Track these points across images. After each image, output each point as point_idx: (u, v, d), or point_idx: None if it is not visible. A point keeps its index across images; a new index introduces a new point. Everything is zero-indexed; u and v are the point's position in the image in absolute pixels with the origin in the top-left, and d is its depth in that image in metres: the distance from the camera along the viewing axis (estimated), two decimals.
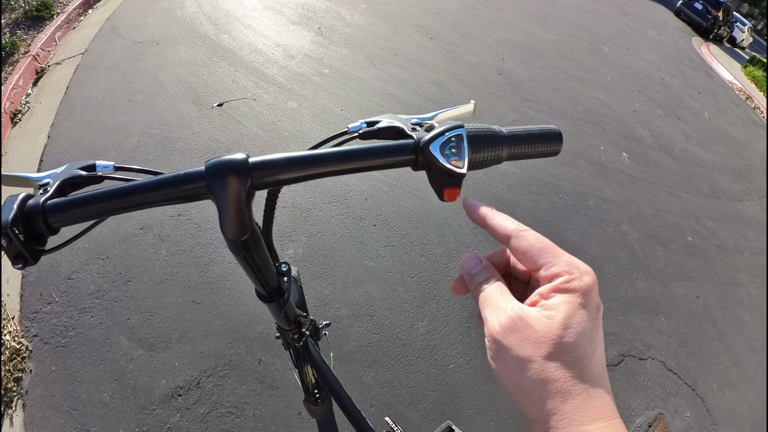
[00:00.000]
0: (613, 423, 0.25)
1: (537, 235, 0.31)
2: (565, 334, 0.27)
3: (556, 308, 0.28)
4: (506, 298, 0.30)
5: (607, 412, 0.26)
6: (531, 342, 0.27)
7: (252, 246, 0.41)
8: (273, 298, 0.57)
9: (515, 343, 0.27)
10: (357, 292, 2.04)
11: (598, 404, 0.26)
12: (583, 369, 0.26)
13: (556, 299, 0.28)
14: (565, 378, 0.26)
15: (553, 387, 0.26)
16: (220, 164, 0.35)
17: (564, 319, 0.27)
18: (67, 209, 0.36)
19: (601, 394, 0.26)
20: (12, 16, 3.45)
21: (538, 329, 0.27)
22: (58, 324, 1.69)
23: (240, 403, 1.61)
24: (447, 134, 0.37)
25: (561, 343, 0.27)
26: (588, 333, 0.27)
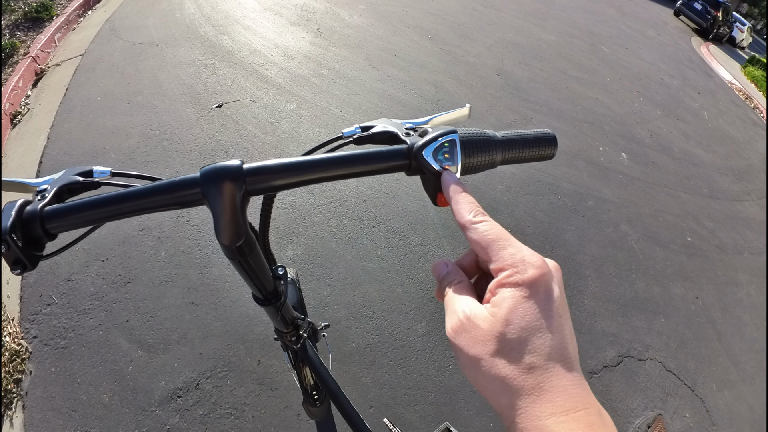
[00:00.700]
0: (576, 416, 0.24)
1: (490, 226, 0.31)
2: (507, 330, 0.26)
3: (500, 304, 0.27)
4: (461, 301, 0.30)
5: (569, 405, 0.24)
6: (478, 341, 0.27)
7: (247, 251, 0.41)
8: (269, 302, 0.57)
9: (465, 344, 0.28)
10: (356, 293, 2.05)
11: (556, 398, 0.25)
12: (533, 363, 0.25)
13: (499, 295, 0.28)
14: (514, 374, 0.26)
15: (504, 384, 0.26)
16: (214, 170, 0.35)
17: (506, 314, 0.27)
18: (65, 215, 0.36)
19: (562, 386, 0.25)
20: (12, 18, 3.46)
21: (483, 327, 0.27)
22: (58, 325, 1.70)
23: (239, 404, 1.61)
24: (440, 139, 0.38)
25: (504, 340, 0.26)
26: (535, 326, 0.26)
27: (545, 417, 0.24)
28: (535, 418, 0.24)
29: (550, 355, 0.26)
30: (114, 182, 0.47)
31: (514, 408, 0.25)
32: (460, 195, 0.34)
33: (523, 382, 0.25)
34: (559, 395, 0.25)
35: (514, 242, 0.30)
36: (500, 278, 0.28)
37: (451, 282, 0.33)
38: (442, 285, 0.33)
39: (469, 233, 0.31)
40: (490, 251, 0.29)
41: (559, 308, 0.28)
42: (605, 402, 1.98)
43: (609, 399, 2.00)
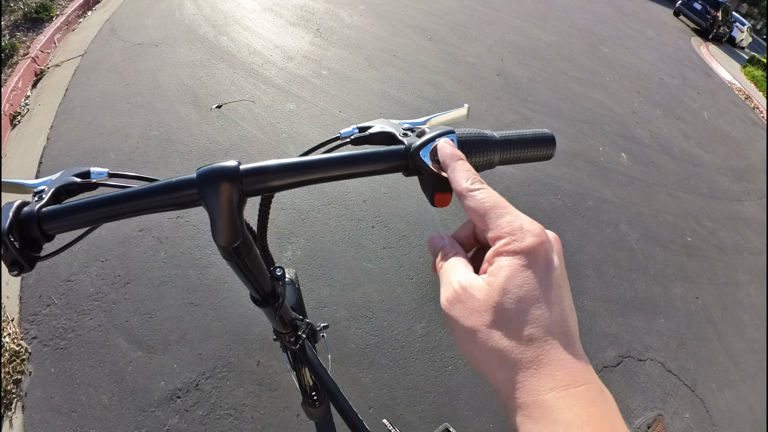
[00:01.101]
0: (577, 391, 0.23)
1: (488, 194, 0.30)
2: (504, 299, 0.25)
3: (496, 273, 0.26)
4: (457, 271, 0.29)
5: (569, 380, 0.23)
6: (474, 312, 0.26)
7: (244, 252, 0.41)
8: (267, 303, 0.57)
9: (460, 315, 0.27)
10: (355, 293, 2.05)
11: (556, 372, 0.23)
12: (531, 335, 0.24)
13: (496, 263, 0.27)
14: (512, 347, 0.24)
15: (501, 356, 0.25)
16: (211, 171, 0.35)
17: (503, 283, 0.25)
18: (62, 216, 0.36)
19: (562, 360, 0.24)
20: (11, 18, 3.46)
21: (479, 298, 0.26)
22: (58, 326, 1.70)
23: (239, 404, 1.61)
24: (437, 139, 0.37)
25: (502, 310, 0.25)
26: (534, 296, 0.25)
27: (544, 392, 0.23)
28: (533, 393, 0.23)
29: (550, 327, 0.25)
30: (111, 183, 0.47)
31: (512, 382, 0.24)
32: (457, 163, 0.33)
33: (521, 355, 0.24)
34: (559, 369, 0.24)
35: (512, 210, 0.28)
36: (497, 246, 0.27)
37: (447, 254, 0.32)
38: (437, 258, 0.32)
39: (466, 201, 0.30)
40: (488, 219, 0.28)
41: (558, 278, 0.27)
42: None
43: None
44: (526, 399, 0.23)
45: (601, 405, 0.23)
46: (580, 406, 0.22)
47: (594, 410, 0.22)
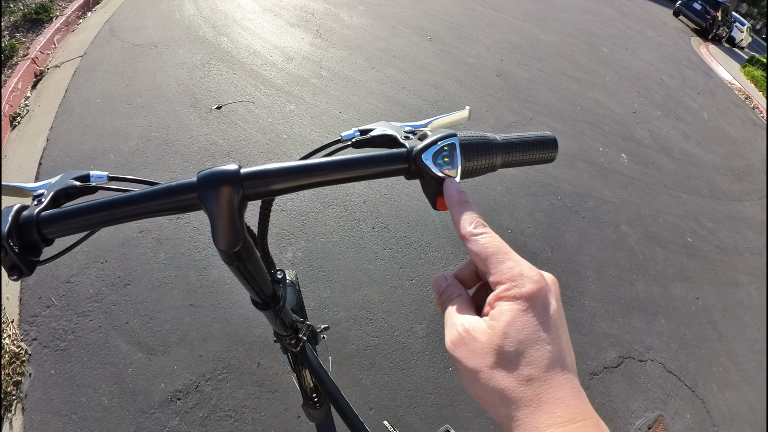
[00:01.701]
0: (575, 427, 0.24)
1: (490, 239, 0.31)
2: (504, 343, 0.27)
3: (498, 318, 0.28)
4: (460, 314, 0.31)
5: (566, 416, 0.25)
6: (477, 354, 0.28)
7: (245, 256, 0.41)
8: (268, 306, 0.57)
9: (464, 356, 0.28)
10: (355, 295, 2.04)
11: (555, 409, 0.25)
12: (531, 375, 0.26)
13: (497, 308, 0.28)
14: (513, 386, 0.26)
15: (503, 395, 0.26)
16: (211, 175, 0.35)
17: (504, 327, 0.27)
18: (61, 220, 0.36)
19: (560, 397, 0.25)
20: (11, 19, 3.46)
21: (481, 340, 0.28)
22: (57, 327, 1.69)
23: (239, 406, 1.60)
24: (440, 143, 0.37)
25: (503, 352, 0.27)
26: (533, 338, 0.27)
27: (544, 428, 0.24)
28: (533, 430, 0.25)
29: (549, 367, 0.26)
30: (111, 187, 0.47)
31: (513, 419, 0.26)
32: (462, 205, 0.35)
33: (522, 394, 0.26)
34: (558, 406, 0.25)
35: (513, 256, 0.30)
36: (498, 292, 0.29)
37: (451, 296, 0.33)
38: (441, 299, 0.34)
39: (470, 245, 0.32)
40: (489, 264, 0.30)
41: (556, 321, 0.28)
42: (606, 403, 1.97)
43: (609, 400, 2.00)
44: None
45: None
46: None
47: None
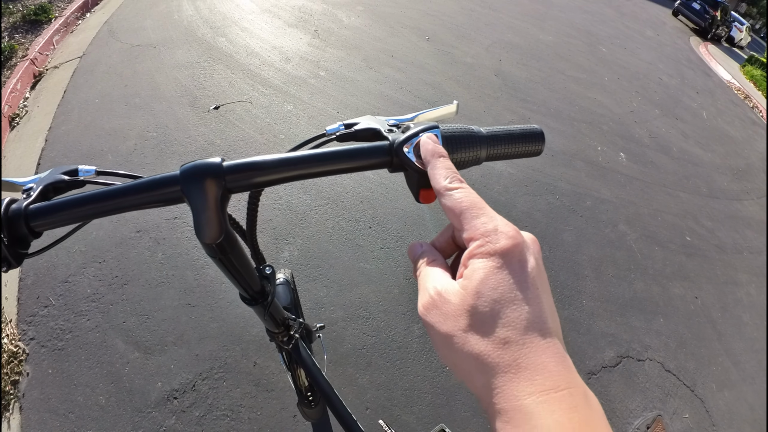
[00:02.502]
0: (559, 396, 0.22)
1: (465, 194, 0.29)
2: (478, 303, 0.25)
3: (470, 276, 0.26)
4: (432, 277, 0.29)
5: (549, 384, 0.22)
6: (449, 317, 0.26)
7: (228, 249, 0.41)
8: (256, 301, 0.57)
9: (437, 320, 0.27)
10: (352, 294, 2.04)
11: (535, 376, 0.23)
12: (508, 338, 0.24)
13: (470, 266, 0.26)
14: (489, 350, 0.24)
15: (479, 361, 0.24)
16: (194, 168, 0.35)
17: (477, 286, 0.25)
18: (48, 213, 0.37)
19: (541, 363, 0.23)
20: (10, 20, 3.47)
21: (453, 302, 0.26)
22: (55, 327, 1.70)
23: (235, 405, 1.60)
24: (420, 135, 0.37)
25: (476, 313, 0.25)
26: (509, 297, 0.25)
27: (523, 396, 0.22)
28: (512, 398, 0.23)
29: (527, 329, 0.24)
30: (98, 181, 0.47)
31: (491, 387, 0.23)
32: (438, 160, 0.33)
33: (499, 359, 0.23)
34: (539, 373, 0.23)
35: (489, 211, 0.28)
36: (471, 248, 0.27)
37: (425, 261, 0.32)
38: (416, 266, 0.33)
39: (443, 199, 0.30)
40: (463, 219, 0.28)
41: (535, 280, 0.26)
42: (604, 403, 1.97)
43: (608, 400, 1.99)
44: (505, 404, 0.23)
45: (585, 410, 0.22)
46: (561, 411, 0.22)
47: (576, 416, 0.22)
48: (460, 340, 0.25)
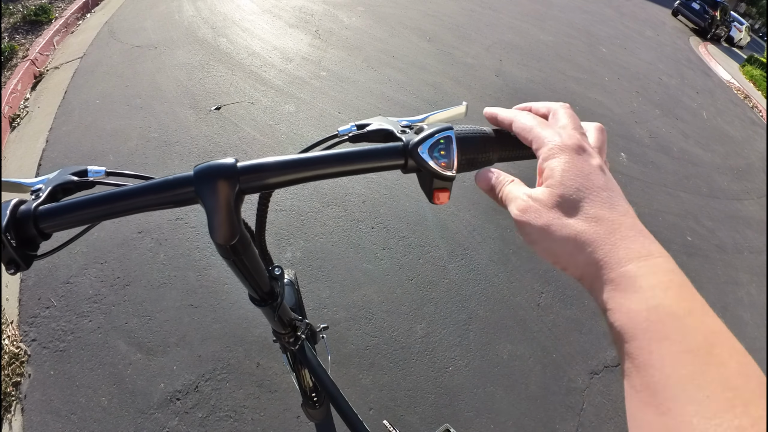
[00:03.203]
0: (656, 261, 0.25)
1: (526, 117, 0.35)
2: (564, 191, 0.29)
3: (551, 174, 0.30)
4: (518, 187, 0.33)
5: (645, 251, 0.25)
6: (543, 211, 0.29)
7: (241, 250, 0.41)
8: (266, 302, 0.57)
9: (533, 217, 0.30)
10: (355, 295, 2.04)
11: (631, 245, 0.26)
12: (599, 215, 0.27)
13: (547, 168, 0.31)
14: (585, 228, 0.27)
15: (577, 241, 0.27)
16: (208, 169, 0.35)
17: (560, 178, 0.29)
18: (58, 215, 0.36)
19: (634, 234, 0.26)
20: (10, 21, 3.47)
21: (544, 198, 0.30)
22: (57, 328, 1.69)
23: (238, 406, 1.60)
24: (436, 136, 0.37)
25: (566, 200, 0.28)
26: (591, 181, 0.29)
27: (625, 263, 0.25)
28: (615, 266, 0.25)
29: (612, 206, 0.28)
30: (108, 182, 0.47)
31: (593, 262, 0.26)
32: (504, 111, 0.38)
33: (595, 234, 0.27)
34: (634, 242, 0.26)
35: (551, 124, 0.34)
36: (544, 154, 0.31)
37: (505, 179, 0.35)
38: (495, 189, 0.36)
39: (513, 127, 0.36)
40: (532, 134, 0.33)
41: (604, 167, 0.31)
42: (606, 402, 1.97)
43: (610, 399, 1.99)
44: (610, 273, 0.25)
45: (680, 274, 0.25)
46: (661, 273, 0.25)
47: (675, 278, 0.25)
48: (556, 227, 0.28)
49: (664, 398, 0.22)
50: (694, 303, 0.24)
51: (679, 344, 0.22)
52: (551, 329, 2.17)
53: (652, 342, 0.23)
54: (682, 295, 0.24)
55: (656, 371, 0.22)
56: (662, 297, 0.24)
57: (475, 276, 2.30)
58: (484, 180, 0.37)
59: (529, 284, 2.36)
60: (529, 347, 2.06)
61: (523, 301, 2.26)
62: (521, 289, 2.32)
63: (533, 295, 2.31)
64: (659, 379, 0.22)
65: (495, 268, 2.38)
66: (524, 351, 2.04)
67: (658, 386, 0.22)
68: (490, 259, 2.42)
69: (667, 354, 0.22)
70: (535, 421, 1.81)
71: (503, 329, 2.10)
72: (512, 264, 2.44)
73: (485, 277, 2.31)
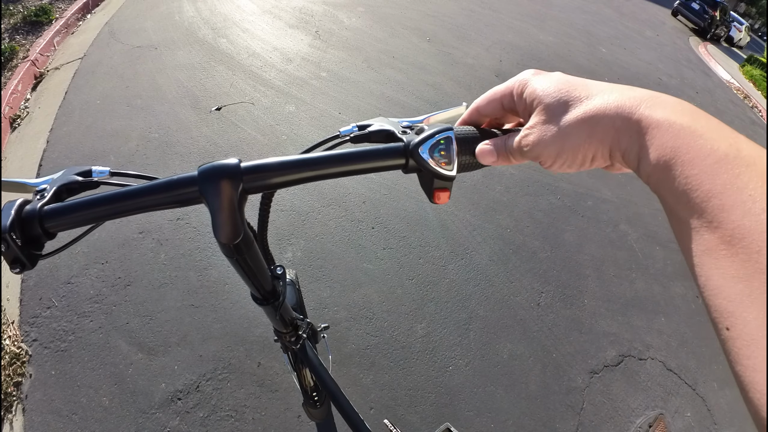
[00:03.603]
0: (658, 98, 0.28)
1: (482, 96, 0.40)
2: (548, 101, 0.32)
3: (530, 103, 0.34)
4: (514, 135, 0.36)
5: (639, 96, 0.28)
6: (543, 128, 0.32)
7: (245, 249, 0.41)
8: (268, 301, 0.57)
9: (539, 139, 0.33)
10: (355, 294, 2.05)
11: (628, 94, 0.29)
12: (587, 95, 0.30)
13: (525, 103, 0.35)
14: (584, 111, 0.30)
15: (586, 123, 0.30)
16: (212, 169, 0.35)
17: (539, 99, 0.33)
18: (64, 214, 0.37)
19: (621, 89, 0.30)
20: (11, 21, 3.47)
21: (537, 120, 0.33)
22: (58, 328, 1.69)
23: (239, 406, 1.61)
24: (436, 137, 0.38)
25: (555, 106, 0.31)
26: (559, 86, 0.32)
27: (634, 110, 0.27)
28: (627, 119, 0.28)
29: (588, 85, 0.31)
30: (113, 182, 0.47)
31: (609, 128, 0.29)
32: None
33: (594, 108, 0.29)
34: (629, 93, 0.29)
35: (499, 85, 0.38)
36: (516, 101, 0.36)
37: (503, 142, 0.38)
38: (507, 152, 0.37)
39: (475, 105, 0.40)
40: (494, 101, 0.38)
41: (565, 74, 0.34)
42: (606, 402, 1.97)
43: (610, 398, 2.00)
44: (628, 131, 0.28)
45: (685, 102, 0.28)
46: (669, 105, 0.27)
47: (684, 105, 0.27)
48: (563, 128, 0.31)
49: (710, 214, 0.22)
50: (708, 121, 0.25)
51: (708, 158, 0.23)
52: (551, 329, 2.18)
53: (683, 167, 0.24)
54: (695, 116, 0.26)
55: (694, 192, 0.23)
56: (679, 121, 0.25)
57: (476, 276, 2.30)
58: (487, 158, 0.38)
59: (529, 284, 2.36)
60: (529, 347, 2.06)
61: (523, 301, 2.26)
62: (521, 289, 2.32)
63: (533, 295, 2.31)
64: (700, 198, 0.22)
65: (495, 267, 2.39)
66: (524, 350, 2.04)
67: (700, 206, 0.22)
68: (490, 259, 2.42)
69: (699, 171, 0.23)
70: (535, 420, 1.81)
71: (503, 329, 2.10)
72: (512, 264, 2.45)
73: (485, 277, 2.31)
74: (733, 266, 0.20)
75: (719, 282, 0.21)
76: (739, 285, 0.20)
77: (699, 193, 0.22)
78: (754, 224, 0.20)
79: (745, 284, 0.19)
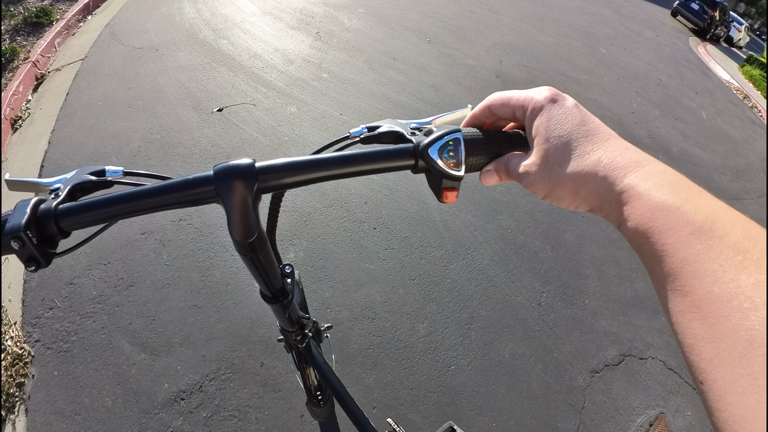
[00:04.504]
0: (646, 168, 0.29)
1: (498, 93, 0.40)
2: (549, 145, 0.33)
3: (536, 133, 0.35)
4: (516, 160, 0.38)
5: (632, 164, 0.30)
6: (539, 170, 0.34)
7: (258, 247, 0.42)
8: (277, 299, 0.58)
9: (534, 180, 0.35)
10: (358, 294, 2.05)
11: (620, 163, 0.30)
12: (585, 152, 0.31)
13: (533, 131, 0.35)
14: (577, 169, 0.31)
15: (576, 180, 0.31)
16: (227, 169, 0.36)
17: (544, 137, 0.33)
18: (79, 213, 0.37)
19: (619, 154, 0.30)
20: (12, 23, 3.48)
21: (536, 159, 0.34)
22: (60, 329, 1.70)
23: (242, 406, 1.61)
24: (445, 138, 0.39)
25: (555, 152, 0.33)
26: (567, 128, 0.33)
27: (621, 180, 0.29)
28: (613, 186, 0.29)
29: (594, 136, 0.32)
30: (126, 181, 0.48)
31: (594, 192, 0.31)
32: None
33: (588, 168, 0.31)
34: (622, 159, 0.30)
35: (517, 91, 0.38)
36: (527, 120, 0.36)
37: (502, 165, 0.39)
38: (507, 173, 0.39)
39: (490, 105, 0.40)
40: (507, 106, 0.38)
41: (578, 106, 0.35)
42: (607, 401, 1.98)
43: (611, 398, 2.00)
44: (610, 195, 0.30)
45: (671, 172, 0.29)
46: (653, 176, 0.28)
47: (666, 176, 0.28)
48: (555, 177, 0.33)
49: (683, 280, 0.24)
50: (688, 191, 0.27)
51: (683, 229, 0.25)
52: (552, 328, 2.18)
53: (660, 235, 0.26)
54: (675, 188, 0.27)
55: (670, 258, 0.25)
56: (658, 195, 0.27)
57: (477, 276, 2.31)
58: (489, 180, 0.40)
59: (530, 284, 2.37)
60: (530, 346, 2.07)
61: (525, 301, 2.27)
62: (522, 289, 2.33)
63: (534, 295, 2.32)
64: (674, 264, 0.24)
65: (496, 268, 2.39)
66: (526, 350, 2.05)
67: (675, 271, 0.24)
68: (491, 259, 2.43)
69: (675, 241, 0.25)
70: (536, 419, 1.82)
71: (505, 328, 2.11)
72: (513, 264, 2.45)
73: (487, 277, 2.32)
74: (702, 328, 0.22)
75: (692, 341, 0.23)
76: (708, 346, 0.22)
77: (674, 260, 0.24)
78: (723, 292, 0.22)
79: (713, 345, 0.21)
